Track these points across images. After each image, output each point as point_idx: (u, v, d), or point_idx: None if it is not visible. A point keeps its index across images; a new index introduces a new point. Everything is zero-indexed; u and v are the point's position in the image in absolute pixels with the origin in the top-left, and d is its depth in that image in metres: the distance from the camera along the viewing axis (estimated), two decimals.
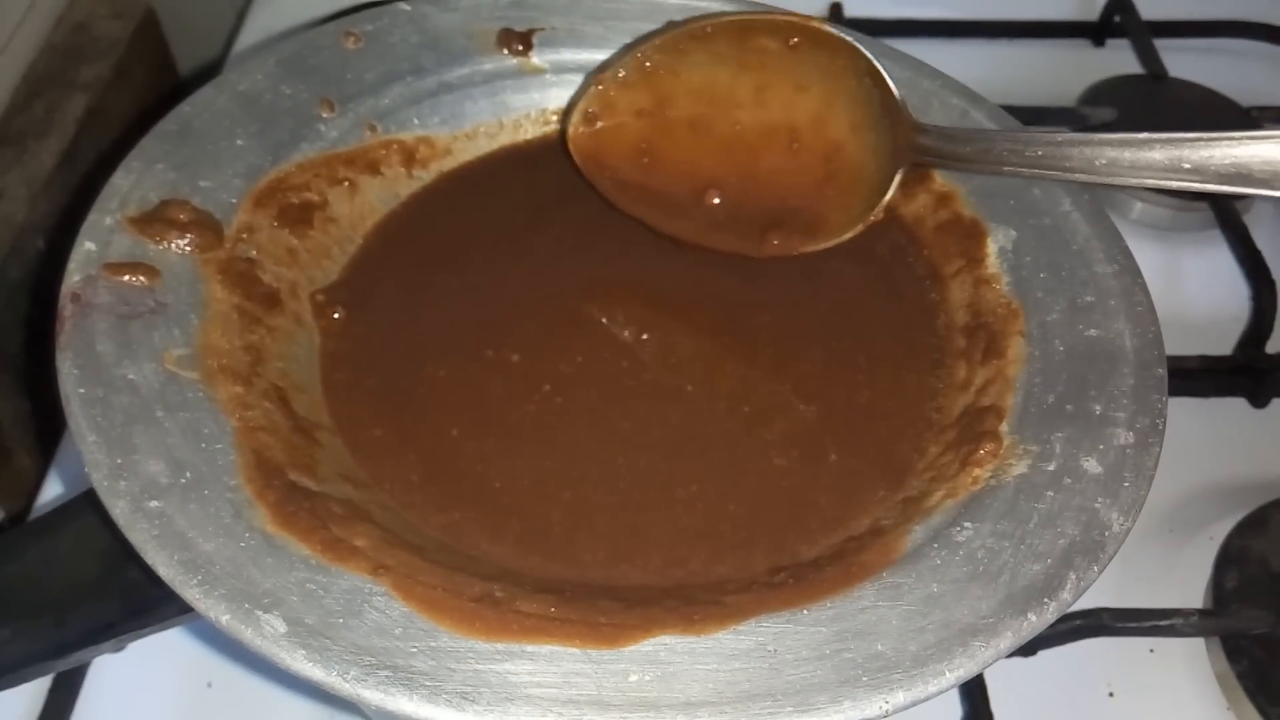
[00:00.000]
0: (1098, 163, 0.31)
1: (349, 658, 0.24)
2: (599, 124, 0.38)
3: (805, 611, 0.26)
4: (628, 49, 0.39)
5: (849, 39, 0.36)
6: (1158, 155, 0.30)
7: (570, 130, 0.39)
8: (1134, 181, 0.31)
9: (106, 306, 0.30)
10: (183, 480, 0.27)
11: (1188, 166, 0.30)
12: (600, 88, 0.38)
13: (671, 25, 0.38)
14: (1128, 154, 0.31)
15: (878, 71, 0.35)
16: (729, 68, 0.37)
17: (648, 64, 0.38)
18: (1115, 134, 0.31)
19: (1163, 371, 0.31)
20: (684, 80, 0.38)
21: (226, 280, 0.32)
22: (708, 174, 0.38)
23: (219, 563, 0.25)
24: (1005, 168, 0.33)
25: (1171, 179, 0.30)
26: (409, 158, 0.40)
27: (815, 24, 0.36)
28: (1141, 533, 0.29)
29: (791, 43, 0.36)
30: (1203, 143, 0.30)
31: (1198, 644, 0.40)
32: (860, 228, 0.36)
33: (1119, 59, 0.65)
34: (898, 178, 0.35)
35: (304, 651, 0.24)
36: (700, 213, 0.38)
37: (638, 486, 0.31)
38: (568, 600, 0.26)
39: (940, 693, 0.25)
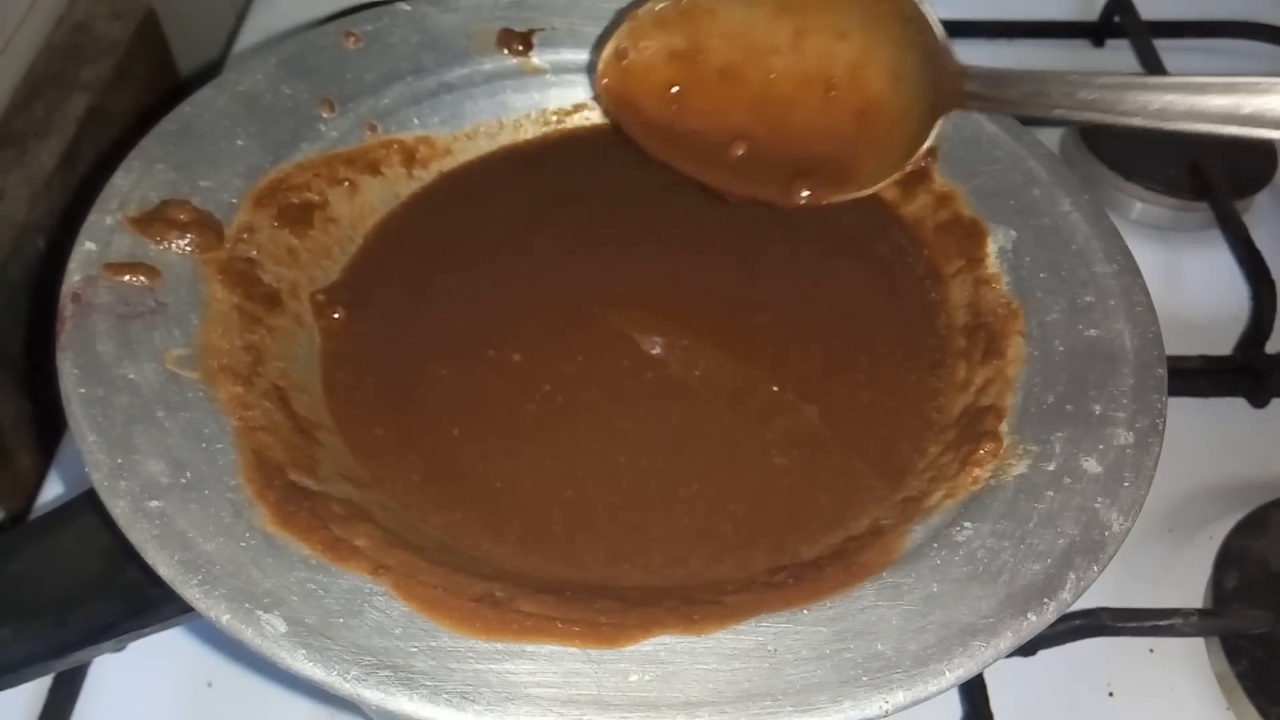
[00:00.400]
0: (1151, 106, 0.30)
1: (349, 657, 0.24)
2: (629, 60, 0.37)
3: (805, 611, 0.26)
4: None
5: None
6: (1215, 101, 0.29)
7: (600, 66, 0.38)
8: (1188, 128, 0.29)
9: (107, 306, 0.30)
10: (183, 480, 0.27)
11: (1245, 112, 0.28)
12: (633, 24, 0.37)
13: None
14: (1184, 99, 0.29)
15: (922, 16, 0.34)
16: (768, 9, 0.36)
17: (686, 9, 0.36)
18: (1171, 77, 0.30)
19: (1162, 371, 0.31)
20: (721, 20, 0.36)
21: (227, 280, 0.32)
22: (736, 124, 0.37)
23: (219, 562, 0.25)
24: (1056, 110, 0.31)
25: (1227, 127, 0.29)
26: (409, 158, 0.40)
27: None
28: (1141, 532, 0.29)
29: None
30: (1262, 88, 0.28)
31: (1197, 644, 0.40)
32: (896, 176, 0.34)
33: (1119, 59, 0.65)
34: (938, 125, 0.33)
35: (304, 651, 0.24)
36: (727, 160, 0.37)
37: (638, 486, 0.31)
38: (568, 600, 0.26)
39: (940, 692, 0.25)
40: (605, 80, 0.37)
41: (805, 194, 0.35)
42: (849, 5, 0.35)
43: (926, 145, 0.33)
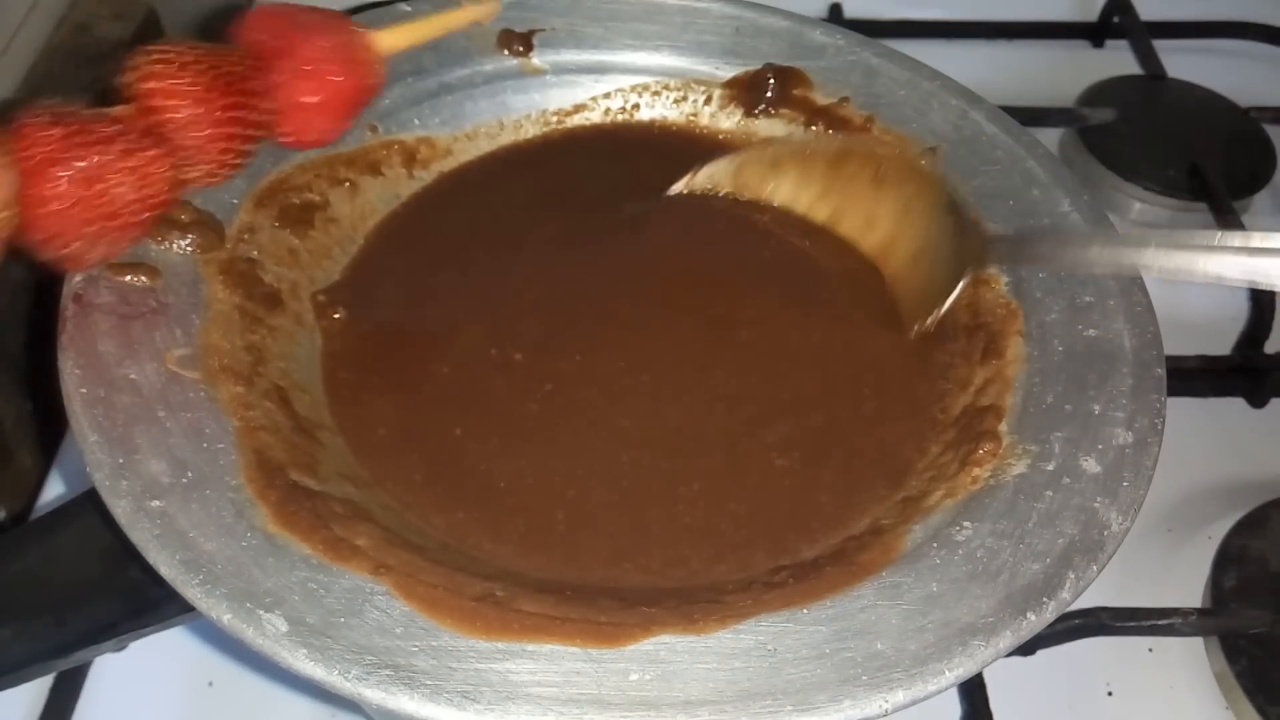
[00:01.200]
0: (1140, 262, 0.31)
1: (350, 657, 0.24)
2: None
3: (805, 611, 0.26)
4: (747, 150, 0.40)
5: (934, 175, 0.37)
6: (1203, 262, 0.29)
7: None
8: (1171, 278, 0.30)
9: (108, 307, 0.30)
10: (184, 480, 0.27)
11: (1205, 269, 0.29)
12: (692, 178, 0.40)
13: (775, 141, 0.41)
14: (1162, 255, 0.30)
15: (957, 206, 0.36)
16: (814, 189, 0.39)
17: (740, 174, 0.39)
18: (1154, 233, 0.32)
19: (1161, 371, 0.31)
20: (768, 197, 0.39)
21: (228, 280, 0.33)
22: None
23: (220, 562, 0.25)
24: (1067, 267, 0.34)
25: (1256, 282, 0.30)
26: (410, 158, 0.40)
27: (906, 158, 0.38)
28: (1140, 532, 0.29)
29: (878, 174, 0.37)
30: (1199, 246, 0.29)
31: (1196, 643, 0.40)
32: (918, 329, 0.35)
33: (1118, 60, 0.65)
34: (960, 285, 0.35)
35: (305, 650, 0.24)
36: None
37: (640, 484, 0.31)
38: (568, 599, 0.26)
39: (940, 692, 0.25)
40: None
41: None
42: (887, 197, 0.37)
43: (945, 307, 0.35)
